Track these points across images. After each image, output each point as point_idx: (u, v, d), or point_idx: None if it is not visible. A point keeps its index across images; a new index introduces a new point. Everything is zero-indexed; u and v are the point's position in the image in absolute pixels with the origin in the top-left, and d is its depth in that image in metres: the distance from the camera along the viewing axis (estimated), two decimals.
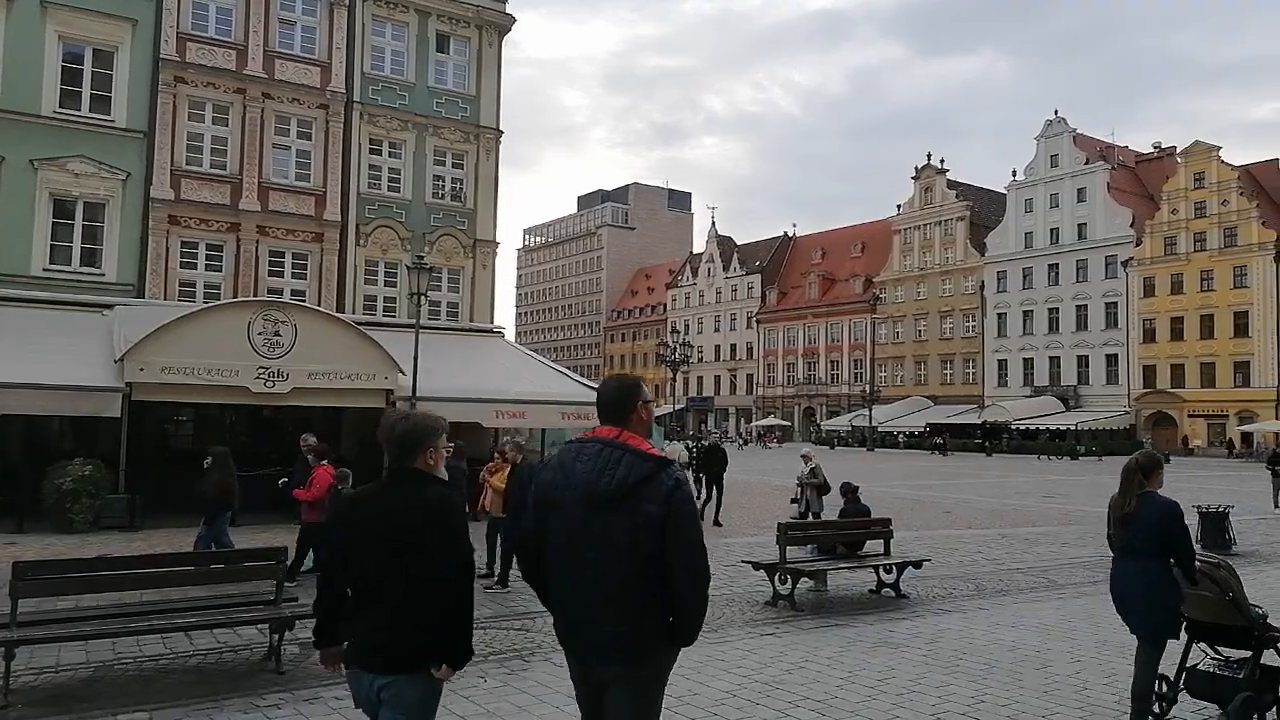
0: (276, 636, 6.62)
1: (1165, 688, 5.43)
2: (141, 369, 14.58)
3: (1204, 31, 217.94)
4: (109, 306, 17.35)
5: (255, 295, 18.87)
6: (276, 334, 15.52)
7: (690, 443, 28.70)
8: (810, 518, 13.68)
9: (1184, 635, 5.38)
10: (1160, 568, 5.09)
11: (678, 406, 71.99)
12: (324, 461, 9.73)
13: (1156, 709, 5.37)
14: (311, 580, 7.63)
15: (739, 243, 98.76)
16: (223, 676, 6.48)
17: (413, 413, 3.50)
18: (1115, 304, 63.19)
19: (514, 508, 9.89)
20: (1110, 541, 5.37)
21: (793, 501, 14.91)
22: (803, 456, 14.87)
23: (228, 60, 19.66)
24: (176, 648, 7.18)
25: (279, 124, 20.25)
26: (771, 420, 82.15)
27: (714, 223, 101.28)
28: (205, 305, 17.07)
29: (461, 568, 3.20)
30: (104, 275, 18.39)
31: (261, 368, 15.33)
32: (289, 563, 8.13)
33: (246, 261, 19.66)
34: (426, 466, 3.29)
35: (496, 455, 11.11)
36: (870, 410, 65.02)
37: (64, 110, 18.12)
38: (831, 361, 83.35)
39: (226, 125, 19.71)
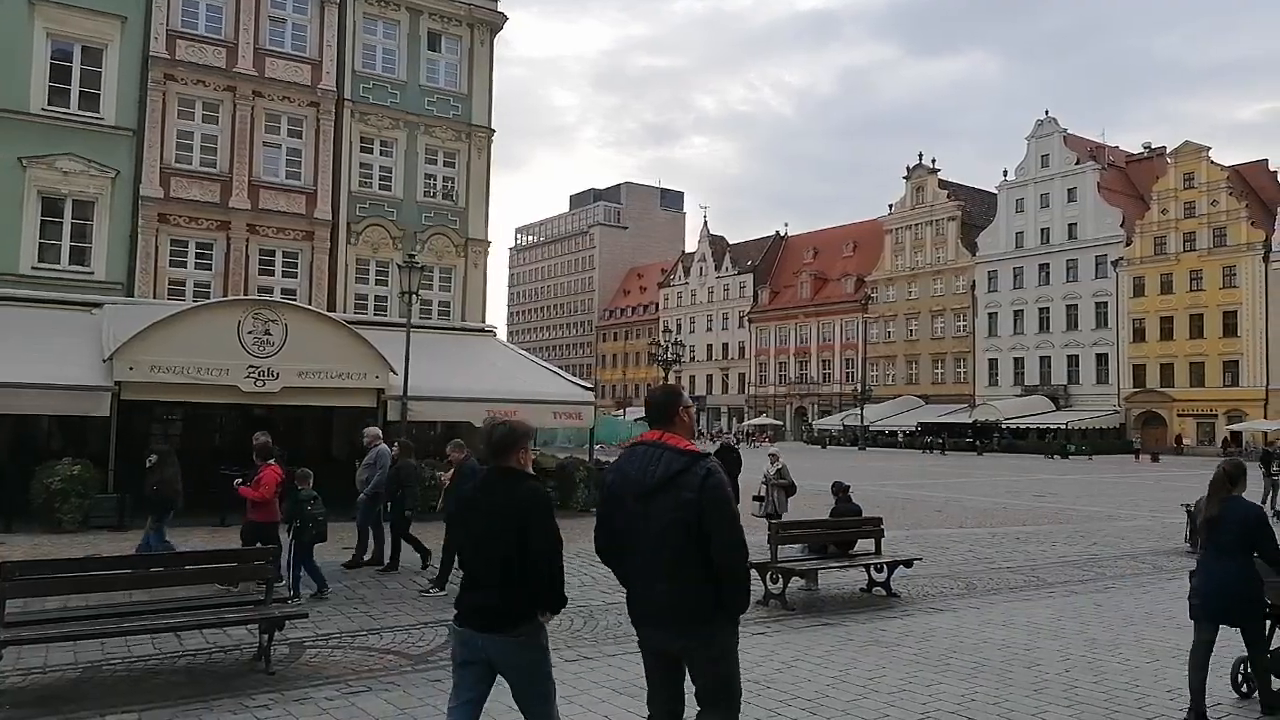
0: (266, 637, 6.60)
1: (1247, 669, 6.03)
2: (131, 368, 14.51)
3: (1192, 33, 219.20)
4: (98, 305, 17.27)
5: (245, 294, 18.80)
6: (267, 333, 15.45)
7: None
8: (778, 517, 13.05)
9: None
10: (1246, 563, 5.64)
11: None
12: (271, 460, 9.55)
13: (1243, 689, 6.08)
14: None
15: (731, 242, 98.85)
16: (212, 677, 6.45)
17: (508, 420, 4.10)
18: (1105, 304, 63.45)
19: (453, 503, 9.77)
20: (1195, 541, 6.22)
21: (755, 499, 14.20)
22: (770, 455, 14.53)
23: (218, 58, 19.57)
24: (165, 648, 7.15)
25: (269, 122, 20.16)
26: (764, 420, 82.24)
27: (706, 222, 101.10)
28: (195, 304, 17.00)
29: (551, 542, 3.80)
30: (93, 274, 18.30)
31: (252, 367, 15.27)
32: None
33: (236, 260, 19.58)
34: (518, 464, 3.93)
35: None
36: (862, 409, 65.18)
37: (52, 108, 18.01)
38: (823, 361, 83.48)
39: (216, 123, 19.62)
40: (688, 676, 3.70)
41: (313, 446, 19.70)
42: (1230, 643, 5.83)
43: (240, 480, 9.79)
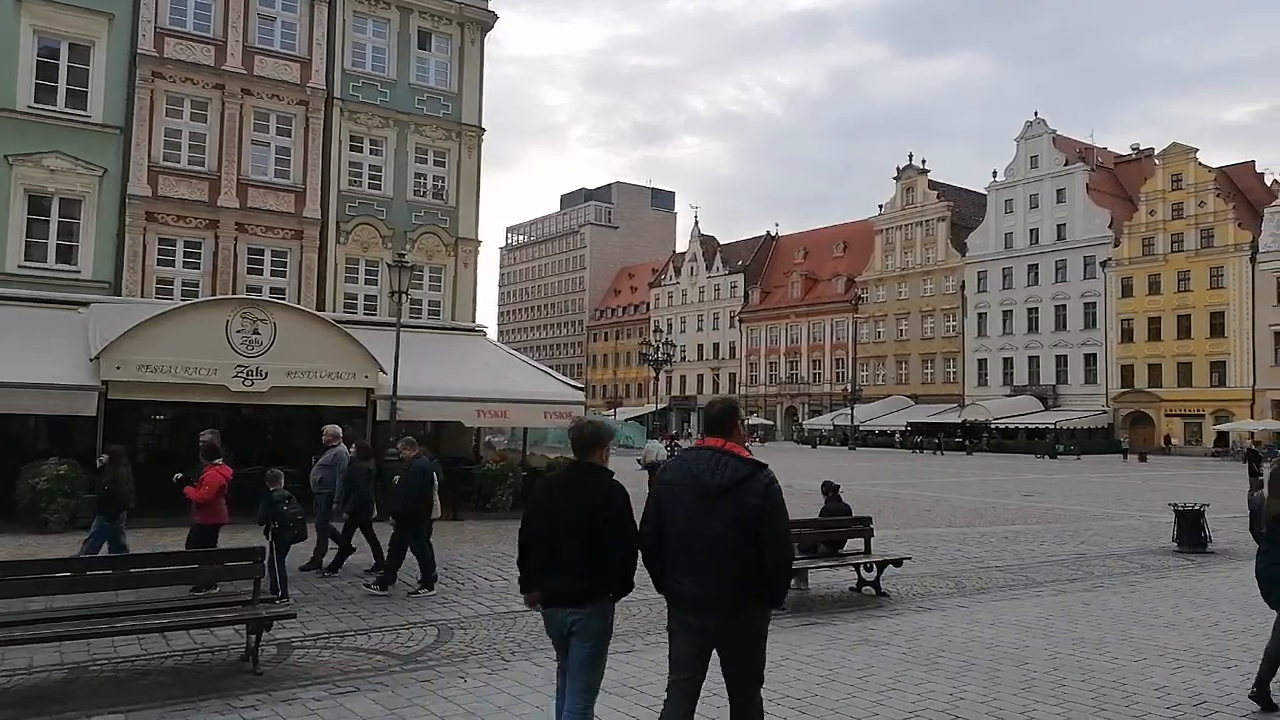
0: (254, 637, 6.57)
1: None
2: (118, 367, 14.43)
3: (1181, 35, 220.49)
4: (85, 304, 17.15)
5: (234, 293, 18.70)
6: (255, 332, 15.38)
7: (667, 442, 28.99)
8: None
9: None
10: None
11: (660, 406, 72.08)
12: (217, 461, 9.25)
13: None
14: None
15: (721, 242, 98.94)
16: (199, 677, 6.42)
17: (595, 420, 4.68)
18: (1094, 304, 63.76)
19: (401, 499, 9.69)
20: (1255, 534, 6.33)
21: None
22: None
23: (206, 56, 19.47)
24: (152, 649, 7.11)
25: (258, 120, 20.07)
26: (755, 419, 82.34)
27: (697, 222, 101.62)
28: (183, 303, 16.91)
29: (627, 531, 4.26)
30: (80, 272, 18.19)
31: (240, 366, 15.20)
32: None
33: (225, 259, 19.49)
34: (599, 460, 4.45)
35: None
36: (852, 409, 65.35)
37: (39, 105, 17.89)
38: (813, 361, 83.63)
39: (205, 121, 19.53)
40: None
41: (301, 447, 19.61)
42: (1230, 638, 5.82)
43: (180, 476, 9.57)
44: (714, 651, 4.14)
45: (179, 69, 19.13)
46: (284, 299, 19.04)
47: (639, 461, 24.52)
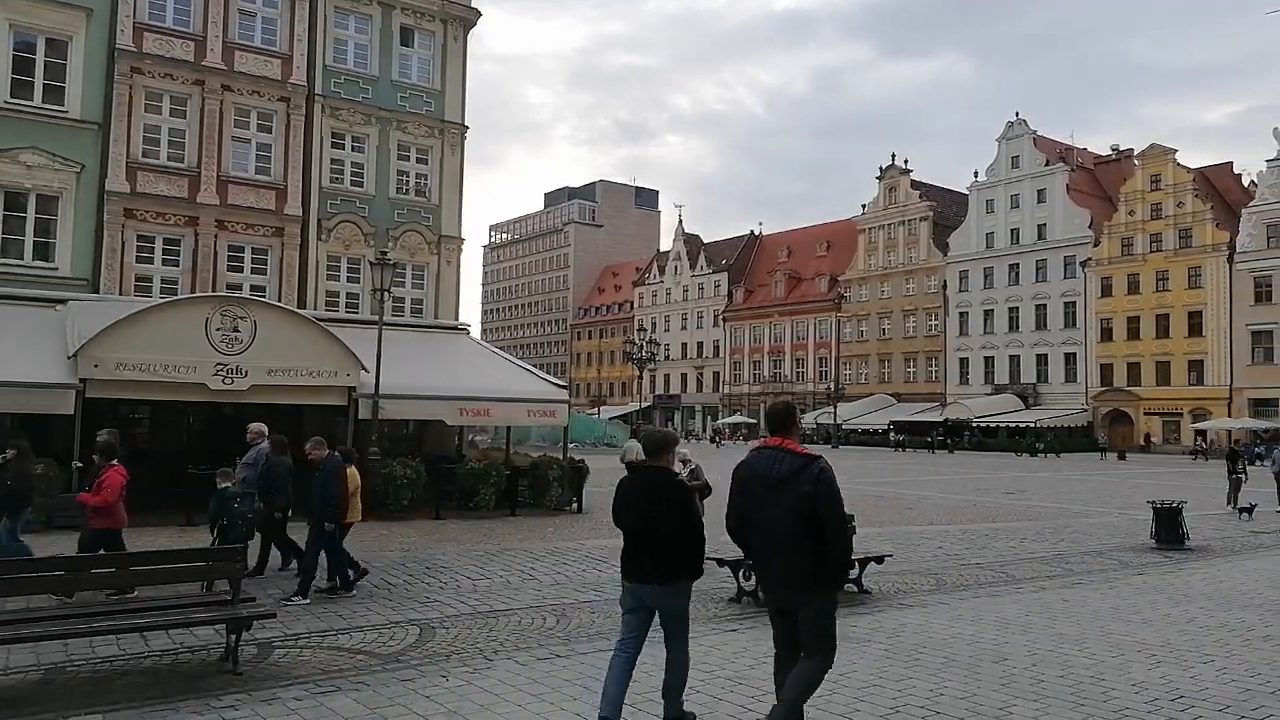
0: (233, 637, 6.52)
1: None
2: (96, 365, 14.29)
3: (1159, 37, 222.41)
4: (62, 301, 16.97)
5: (214, 290, 18.56)
6: (235, 330, 15.27)
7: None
8: None
9: None
10: None
11: (644, 404, 72.10)
12: (114, 461, 8.72)
13: None
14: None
15: (705, 241, 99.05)
16: (178, 678, 6.36)
17: (663, 429, 5.71)
18: (1074, 303, 64.28)
19: (316, 501, 9.22)
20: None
21: None
22: (680, 460, 13.72)
23: (186, 51, 19.30)
24: (131, 649, 7.04)
25: (238, 116, 19.92)
26: (737, 418, 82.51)
27: (681, 221, 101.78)
28: (162, 300, 16.76)
29: (692, 522, 5.09)
30: (57, 269, 17.99)
31: (220, 364, 15.08)
32: None
33: (205, 256, 19.33)
34: (666, 462, 5.29)
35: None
36: (835, 408, 65.60)
37: (15, 100, 17.68)
38: (797, 359, 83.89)
39: (184, 117, 19.36)
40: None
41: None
42: (1206, 634, 5.87)
43: (80, 464, 9.21)
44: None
45: (158, 64, 18.95)
46: (265, 297, 18.92)
47: (621, 459, 24.54)
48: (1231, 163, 66.15)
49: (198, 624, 6.92)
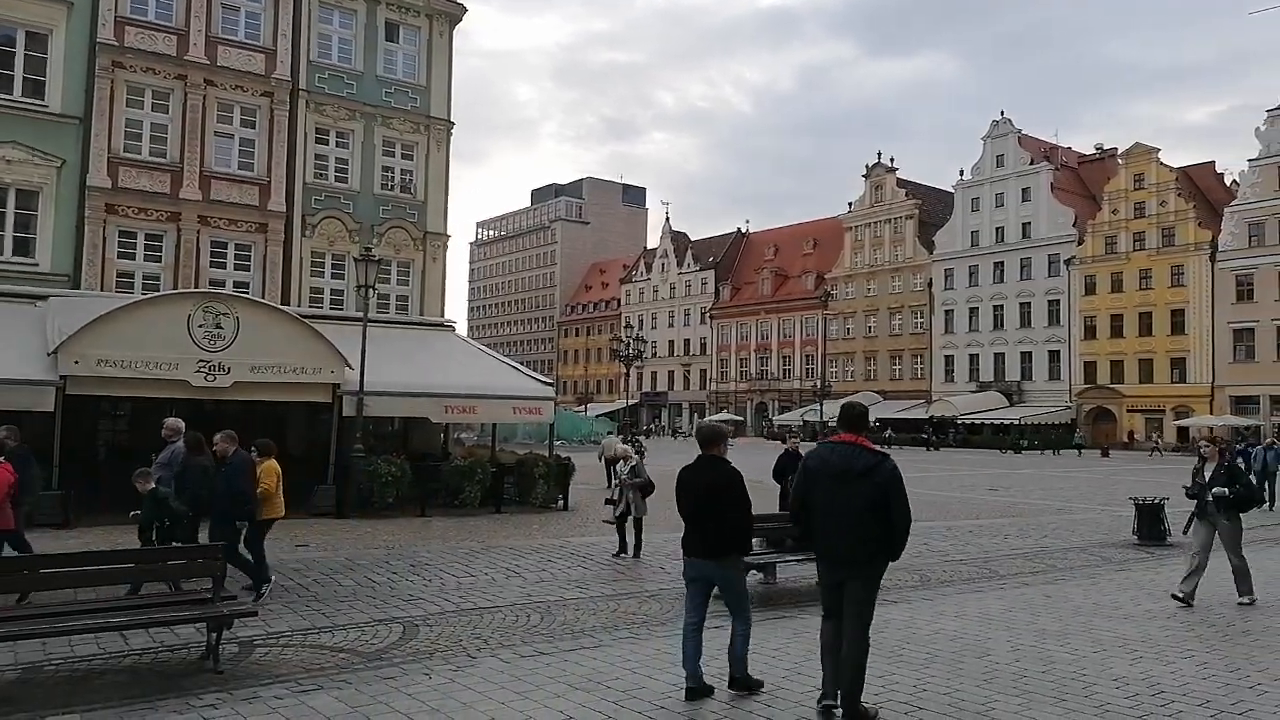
0: (214, 635, 6.47)
1: None
2: (76, 362, 14.15)
3: (1145, 37, 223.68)
4: (43, 297, 16.79)
5: (196, 287, 18.40)
6: (218, 326, 15.16)
7: (626, 437, 29.43)
8: (631, 522, 12.21)
9: None
10: None
11: (631, 402, 72.09)
12: (1, 459, 8.23)
13: None
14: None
15: (692, 238, 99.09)
16: (158, 676, 6.31)
17: (714, 423, 6.78)
18: (1057, 301, 64.66)
19: (220, 498, 8.69)
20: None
21: (608, 503, 12.79)
22: (621, 456, 13.12)
23: (168, 45, 19.12)
24: (110, 647, 6.99)
25: (222, 111, 19.75)
26: (724, 415, 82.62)
27: (668, 218, 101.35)
28: (144, 297, 16.61)
29: (742, 506, 5.91)
30: (38, 265, 17.79)
31: (202, 361, 14.97)
32: None
33: (187, 252, 19.17)
34: (718, 452, 6.05)
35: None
36: (821, 405, 65.61)
37: None
38: (783, 357, 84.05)
39: (167, 112, 19.18)
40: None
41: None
42: (1187, 629, 5.89)
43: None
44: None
45: (140, 58, 18.77)
46: (248, 293, 18.78)
47: (599, 457, 24.60)
48: (1214, 162, 66.71)
49: (178, 622, 6.87)
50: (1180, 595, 9.08)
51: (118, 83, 18.58)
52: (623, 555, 12.11)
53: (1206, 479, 9.46)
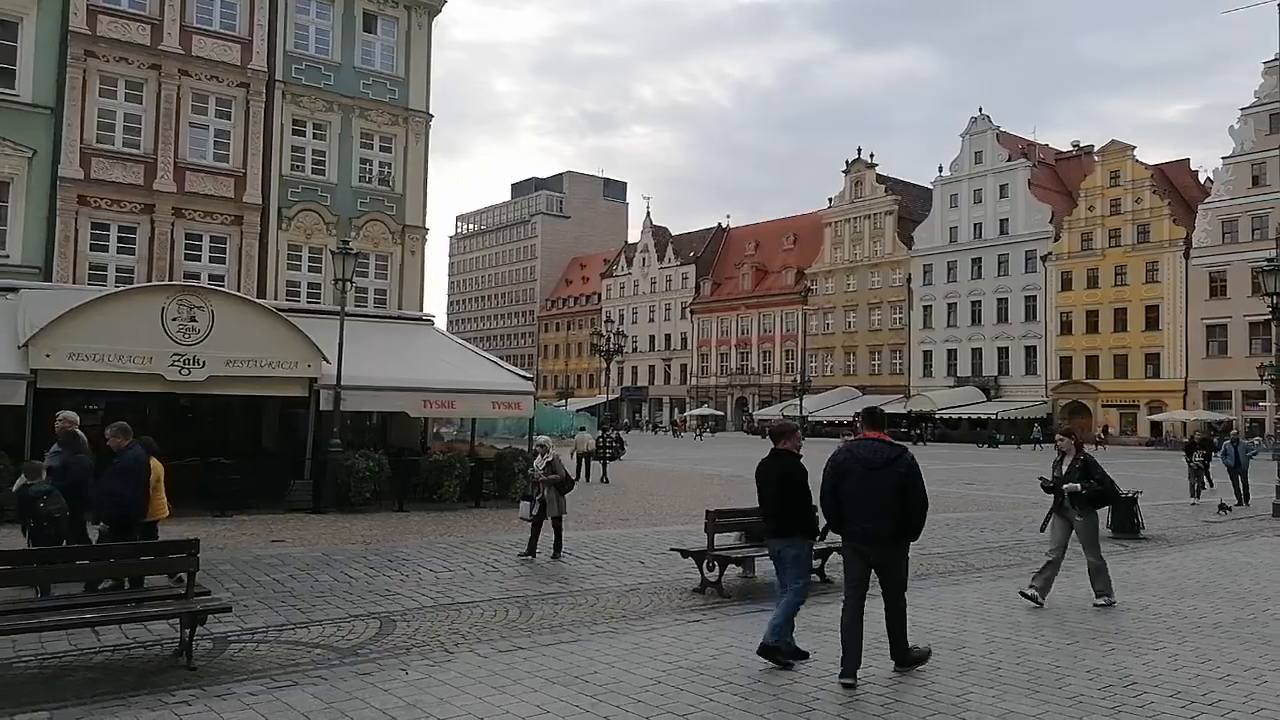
0: (187, 631, 6.40)
1: None
2: (48, 355, 13.95)
3: (1122, 33, 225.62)
4: (13, 290, 16.52)
5: (171, 279, 18.19)
6: (192, 319, 14.98)
7: (601, 432, 30.41)
8: (548, 519, 11.47)
9: None
10: None
11: (612, 396, 72.07)
12: None
13: None
14: None
15: (673, 233, 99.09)
16: (130, 673, 6.23)
17: (784, 419, 7.74)
18: (1034, 297, 65.26)
19: (104, 496, 8.26)
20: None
21: (523, 500, 11.89)
22: (538, 447, 12.30)
23: (142, 35, 18.85)
24: (82, 644, 6.90)
25: (196, 102, 19.51)
26: (704, 410, 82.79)
27: (649, 213, 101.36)
28: (117, 289, 16.40)
29: (802, 494, 6.59)
30: (8, 257, 17.52)
31: (176, 355, 14.80)
32: None
33: (161, 244, 18.93)
34: (790, 446, 6.81)
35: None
36: (801, 400, 66.01)
37: None
38: (764, 352, 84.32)
39: (140, 102, 18.91)
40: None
41: (242, 437, 19.22)
42: (1159, 621, 5.93)
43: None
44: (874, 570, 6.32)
45: (113, 48, 18.50)
46: (223, 286, 18.58)
47: (572, 453, 24.63)
48: (1189, 159, 67.60)
49: (151, 618, 6.79)
50: (1029, 593, 8.62)
51: (90, 72, 18.30)
52: (529, 557, 11.23)
53: (1064, 473, 8.97)
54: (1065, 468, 9.00)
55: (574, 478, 24.49)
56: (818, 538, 7.18)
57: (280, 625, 7.66)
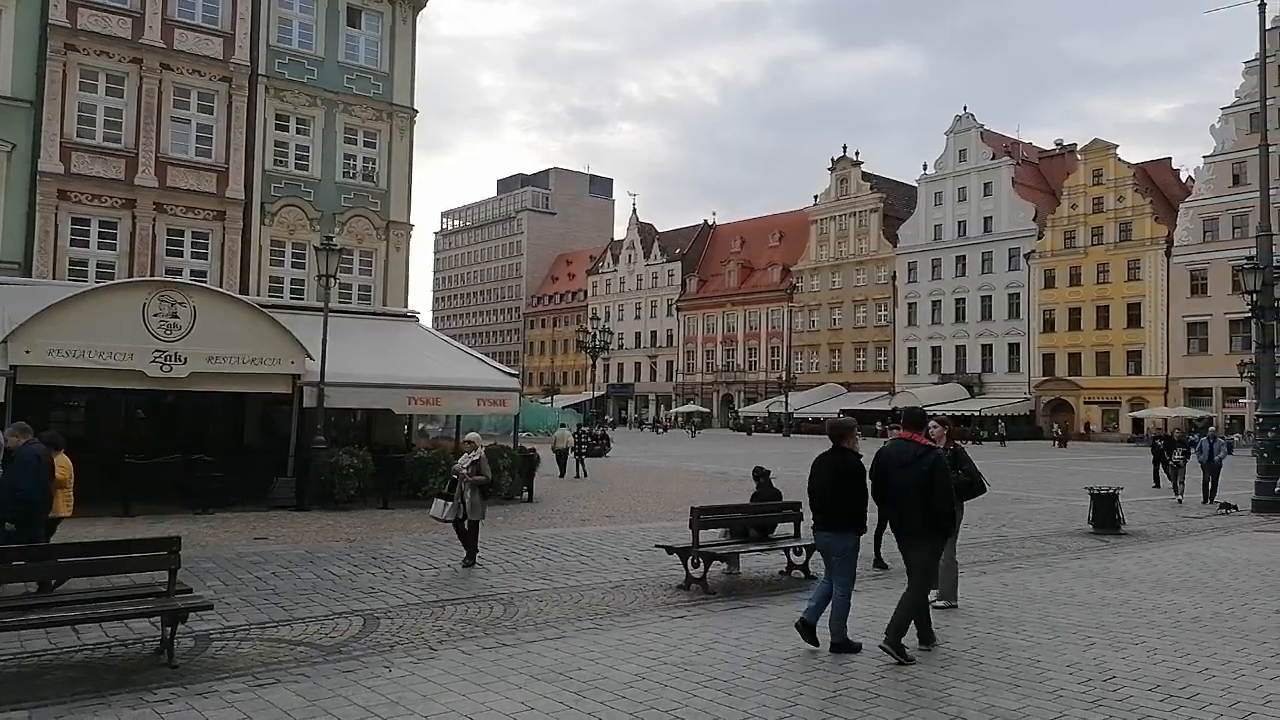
0: (168, 629, 6.36)
1: None
2: (27, 351, 13.81)
3: (1106, 32, 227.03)
4: None
5: (152, 275, 18.03)
6: (174, 315, 14.87)
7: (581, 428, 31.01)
8: (466, 526, 10.52)
9: None
10: None
11: (598, 393, 72.05)
12: None
13: None
14: None
15: (659, 230, 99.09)
16: (110, 671, 6.19)
17: (844, 419, 7.39)
18: (1017, 295, 65.67)
19: (6, 500, 7.85)
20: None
21: (438, 498, 10.86)
22: (465, 443, 11.28)
23: (123, 28, 18.67)
24: (62, 642, 6.84)
25: (179, 96, 19.34)
26: (691, 407, 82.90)
27: (635, 209, 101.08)
28: (97, 285, 16.26)
29: (856, 490, 6.84)
30: None
31: (158, 351, 14.69)
32: None
33: (143, 240, 18.77)
34: (849, 444, 7.02)
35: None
36: (786, 397, 66.24)
37: None
38: (749, 349, 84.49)
39: (121, 96, 18.73)
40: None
41: (224, 434, 19.09)
42: (1139, 616, 5.97)
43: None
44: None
45: (93, 41, 18.32)
46: (205, 282, 18.44)
47: (552, 448, 24.64)
48: (1170, 158, 68.22)
49: (131, 616, 6.74)
50: (939, 604, 8.26)
51: (70, 65, 18.12)
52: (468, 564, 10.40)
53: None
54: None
55: (564, 474, 24.96)
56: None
57: (263, 623, 7.62)
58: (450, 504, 10.56)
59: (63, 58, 18.01)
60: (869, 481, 6.94)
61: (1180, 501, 19.47)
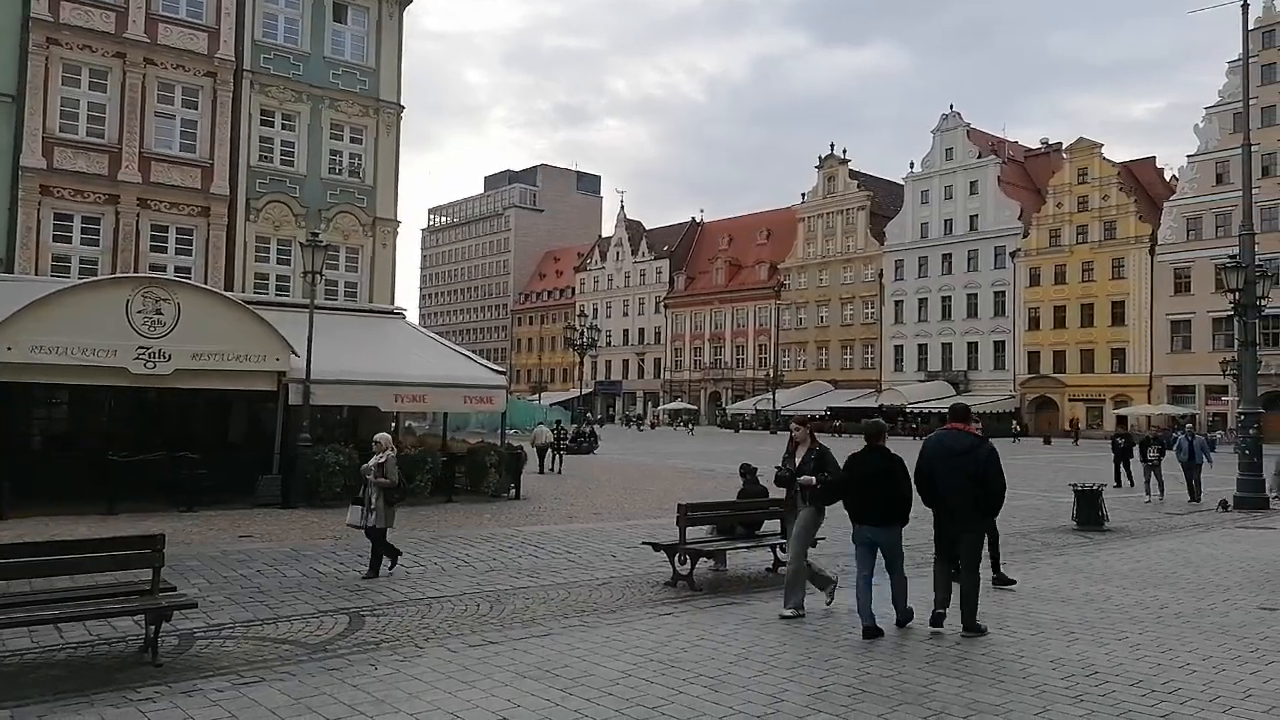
0: (153, 628, 6.32)
1: None
2: (9, 348, 13.69)
3: (1092, 30, 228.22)
4: None
5: (136, 271, 17.88)
6: (158, 312, 14.77)
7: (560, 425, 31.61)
8: (376, 531, 9.73)
9: None
10: None
11: (586, 390, 71.99)
12: None
13: None
14: None
15: (647, 227, 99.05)
16: (94, 670, 6.15)
17: (877, 421, 7.88)
18: (1003, 293, 66.03)
19: None
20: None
21: (354, 504, 9.96)
22: (374, 443, 10.33)
23: (106, 22, 18.50)
24: (45, 641, 6.80)
25: (162, 91, 19.18)
26: (678, 404, 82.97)
27: (623, 206, 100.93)
28: (80, 281, 16.12)
29: (900, 484, 7.29)
30: None
31: (142, 348, 14.58)
32: None
33: (126, 236, 18.62)
34: (883, 444, 7.49)
35: None
36: (774, 394, 66.38)
37: None
38: (737, 346, 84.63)
39: (105, 91, 18.57)
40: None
41: (209, 431, 18.98)
42: (1121, 612, 6.02)
43: None
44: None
45: (76, 35, 18.14)
46: (189, 278, 18.31)
47: (531, 444, 24.67)
48: (1155, 157, 68.70)
49: (115, 614, 6.70)
50: (827, 602, 8.31)
51: (52, 60, 17.95)
52: (389, 570, 9.81)
53: (796, 464, 8.20)
54: (799, 459, 8.22)
55: (547, 470, 25.01)
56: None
57: (248, 621, 7.59)
58: (363, 506, 9.75)
59: (45, 52, 17.84)
60: (918, 468, 7.40)
61: (1149, 501, 19.26)
